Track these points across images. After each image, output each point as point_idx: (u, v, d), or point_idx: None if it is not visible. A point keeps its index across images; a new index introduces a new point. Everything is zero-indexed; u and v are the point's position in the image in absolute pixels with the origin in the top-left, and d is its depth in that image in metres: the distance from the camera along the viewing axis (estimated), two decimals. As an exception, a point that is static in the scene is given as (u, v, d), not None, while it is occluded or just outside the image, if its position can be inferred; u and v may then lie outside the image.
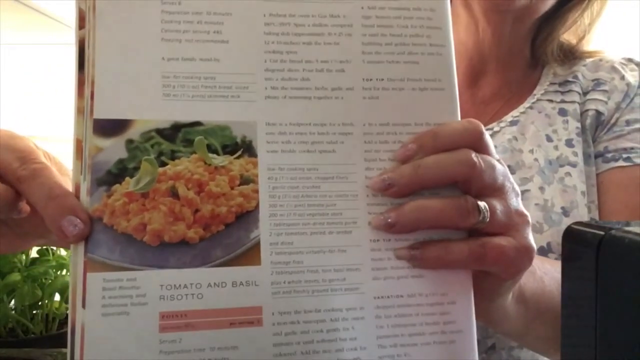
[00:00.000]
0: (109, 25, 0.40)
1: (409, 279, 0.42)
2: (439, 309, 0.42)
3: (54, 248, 0.85)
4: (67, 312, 0.84)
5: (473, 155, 0.42)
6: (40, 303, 0.82)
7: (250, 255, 0.40)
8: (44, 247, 0.84)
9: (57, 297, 0.84)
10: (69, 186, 0.40)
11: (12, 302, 0.81)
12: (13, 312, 0.81)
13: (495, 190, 0.43)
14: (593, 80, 0.75)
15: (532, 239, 0.44)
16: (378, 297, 0.42)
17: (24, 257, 0.83)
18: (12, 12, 1.31)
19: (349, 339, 0.41)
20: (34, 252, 0.85)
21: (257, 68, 0.42)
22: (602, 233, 0.33)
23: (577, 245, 0.35)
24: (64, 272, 0.84)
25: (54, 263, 0.83)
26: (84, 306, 0.38)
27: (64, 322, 0.85)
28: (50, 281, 0.82)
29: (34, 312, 0.83)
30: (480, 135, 0.42)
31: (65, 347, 0.78)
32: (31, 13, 1.32)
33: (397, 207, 0.42)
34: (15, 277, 0.80)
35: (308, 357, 0.40)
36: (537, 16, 0.73)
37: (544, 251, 0.67)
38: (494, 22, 0.73)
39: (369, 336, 0.41)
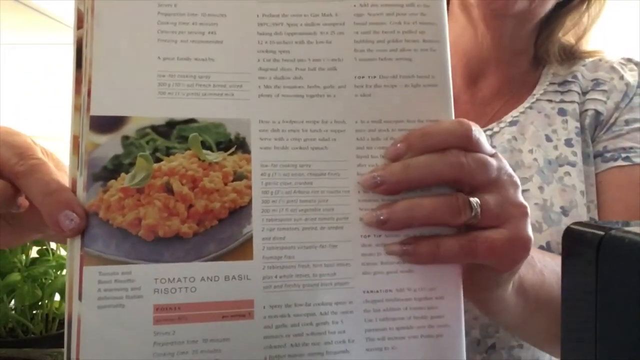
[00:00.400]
0: (107, 25, 0.42)
1: (398, 274, 0.44)
2: (427, 304, 0.44)
3: (54, 248, 0.87)
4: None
5: (462, 156, 0.43)
6: (40, 303, 0.84)
7: (242, 250, 0.42)
8: (44, 247, 0.86)
9: (57, 297, 0.86)
10: (66, 182, 0.42)
11: (12, 302, 0.83)
12: (13, 312, 0.83)
13: (488, 185, 0.44)
14: (592, 80, 0.77)
15: (529, 229, 0.45)
16: (367, 292, 0.43)
17: (24, 257, 0.85)
18: (12, 12, 1.33)
19: (338, 332, 0.43)
20: (34, 252, 0.86)
21: (251, 67, 0.44)
22: (602, 233, 0.34)
23: (577, 245, 0.36)
24: (64, 272, 0.86)
25: (54, 263, 0.85)
26: (80, 299, 0.40)
27: (63, 322, 0.86)
28: (50, 281, 0.84)
29: (34, 312, 0.85)
30: (469, 135, 0.43)
31: (65, 347, 0.81)
32: (31, 13, 1.34)
33: (389, 204, 0.43)
34: (15, 277, 0.82)
35: (298, 349, 0.42)
36: (537, 19, 0.74)
37: (543, 250, 0.68)
38: (493, 27, 0.75)
39: (358, 329, 0.43)
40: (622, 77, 0.76)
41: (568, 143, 0.73)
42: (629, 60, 0.79)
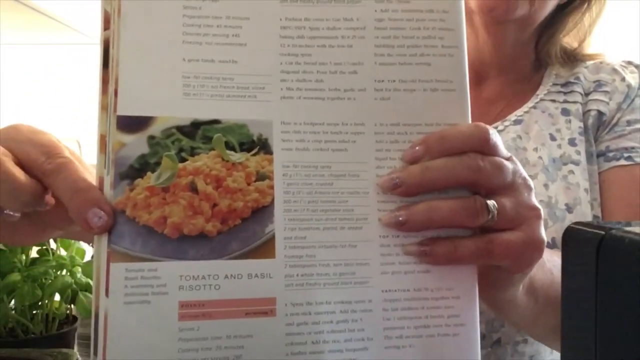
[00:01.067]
0: (133, 27, 0.44)
1: (416, 274, 0.46)
2: (444, 303, 0.46)
3: (54, 248, 0.88)
4: (67, 312, 0.88)
5: (479, 160, 0.45)
6: (40, 303, 0.85)
7: (265, 248, 0.44)
8: (44, 247, 0.87)
9: (57, 297, 0.87)
10: (92, 180, 0.43)
11: (12, 302, 0.83)
12: (13, 312, 0.83)
13: (504, 188, 0.46)
14: (594, 82, 0.80)
15: (542, 231, 0.47)
16: (386, 291, 0.45)
17: (24, 257, 0.85)
18: (12, 12, 1.33)
19: (357, 330, 0.45)
20: (34, 252, 0.87)
21: (274, 70, 0.46)
22: (602, 233, 0.34)
23: (577, 245, 0.36)
24: (64, 272, 0.86)
25: (54, 263, 0.85)
26: (107, 295, 0.41)
27: (64, 322, 0.88)
28: (50, 281, 0.84)
29: (34, 312, 0.85)
30: (486, 139, 0.45)
31: (65, 347, 0.82)
32: (31, 13, 1.34)
33: (408, 205, 0.45)
34: (15, 277, 0.82)
35: (318, 346, 0.44)
36: (537, 24, 0.77)
37: (549, 246, 0.71)
38: (494, 34, 0.78)
39: (376, 328, 0.45)
40: (623, 79, 0.79)
41: (572, 142, 0.76)
42: (630, 62, 0.82)
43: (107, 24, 0.44)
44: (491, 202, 0.45)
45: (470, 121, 0.47)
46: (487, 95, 0.82)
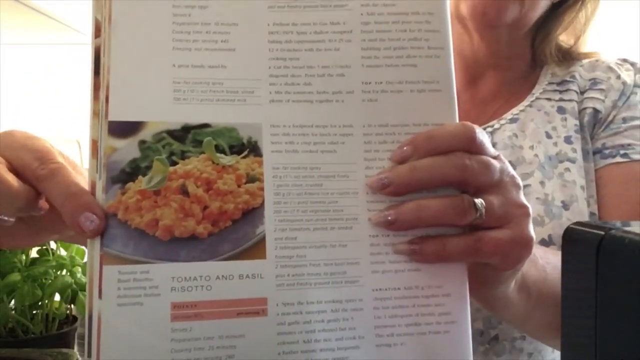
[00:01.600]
0: (124, 34, 0.45)
1: (406, 272, 0.47)
2: (435, 301, 0.47)
3: (54, 248, 0.89)
4: (67, 312, 0.89)
5: (466, 158, 0.46)
6: (40, 303, 0.86)
7: (256, 249, 0.45)
8: (44, 247, 0.89)
9: (57, 297, 0.88)
10: (84, 184, 0.45)
11: (12, 302, 0.85)
12: (13, 312, 0.85)
13: (491, 186, 0.47)
14: (590, 80, 0.81)
15: (531, 229, 0.48)
16: (376, 290, 0.46)
17: (24, 257, 0.87)
18: (12, 12, 1.35)
19: (348, 329, 0.46)
20: (34, 252, 0.89)
21: (262, 74, 0.47)
22: (602, 233, 0.35)
23: (577, 245, 0.38)
24: (64, 272, 0.88)
25: (54, 263, 0.87)
26: (100, 297, 0.43)
27: (64, 322, 0.89)
28: (50, 281, 0.86)
29: (34, 312, 0.87)
30: (473, 138, 0.47)
31: (65, 347, 0.83)
32: (31, 13, 1.35)
33: (397, 205, 0.46)
34: (15, 277, 0.83)
35: (310, 345, 0.45)
36: (530, 25, 0.78)
37: (545, 243, 0.73)
38: (487, 37, 0.79)
39: (367, 326, 0.46)
40: (618, 77, 0.80)
41: (567, 140, 0.77)
42: (625, 60, 0.83)
43: (98, 32, 0.46)
44: (479, 201, 0.46)
45: (457, 121, 0.48)
46: (483, 95, 0.84)
